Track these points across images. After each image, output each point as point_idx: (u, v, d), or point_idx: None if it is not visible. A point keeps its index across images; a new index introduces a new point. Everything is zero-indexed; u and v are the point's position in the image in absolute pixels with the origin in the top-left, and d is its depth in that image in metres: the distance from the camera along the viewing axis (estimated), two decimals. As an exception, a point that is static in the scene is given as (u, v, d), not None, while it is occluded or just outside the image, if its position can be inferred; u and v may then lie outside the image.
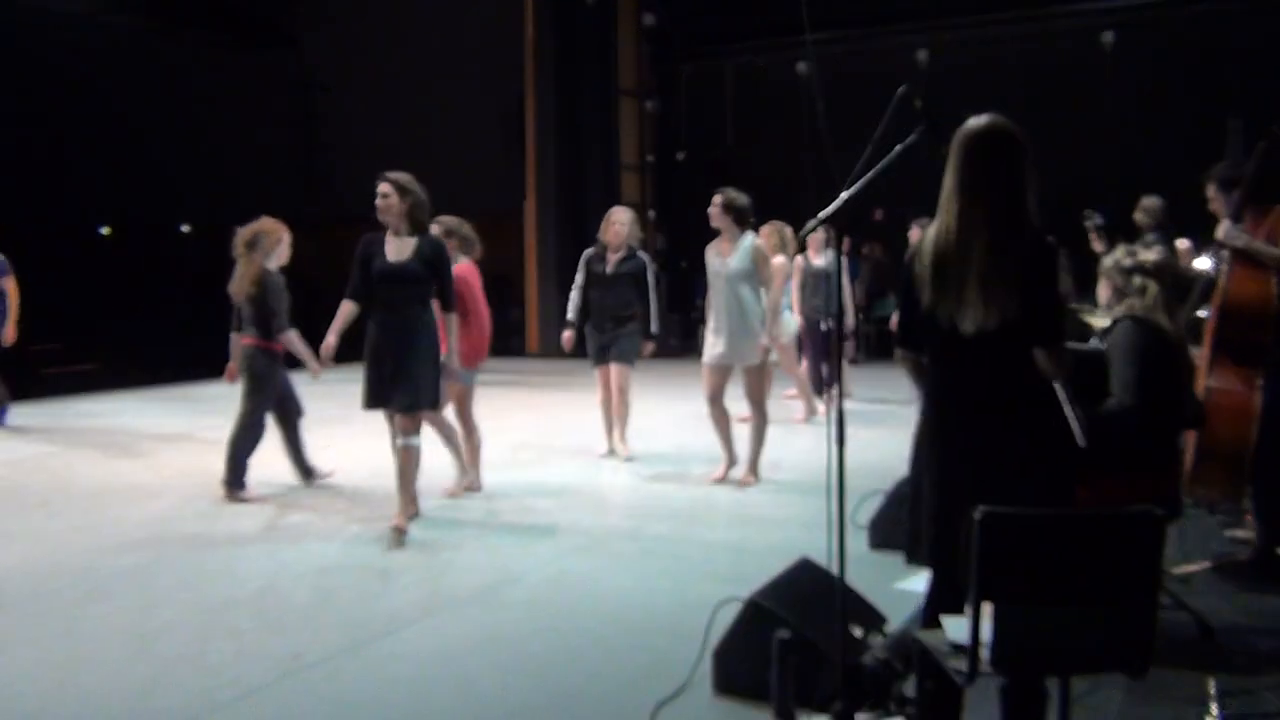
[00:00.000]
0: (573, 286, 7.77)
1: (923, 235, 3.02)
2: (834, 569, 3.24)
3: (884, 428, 8.68)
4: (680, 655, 3.87)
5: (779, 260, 8.68)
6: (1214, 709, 3.39)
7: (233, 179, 18.24)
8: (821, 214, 3.23)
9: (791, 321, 9.14)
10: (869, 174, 3.23)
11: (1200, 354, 4.83)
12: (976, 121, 2.98)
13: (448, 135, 16.49)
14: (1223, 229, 4.85)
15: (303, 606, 4.66)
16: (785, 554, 4.22)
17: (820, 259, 9.51)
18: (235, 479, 6.54)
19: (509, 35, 15.60)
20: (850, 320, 10.35)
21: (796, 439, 8.51)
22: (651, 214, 16.09)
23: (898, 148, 3.22)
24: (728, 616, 3.75)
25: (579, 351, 7.95)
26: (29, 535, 5.91)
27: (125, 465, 7.74)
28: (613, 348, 7.49)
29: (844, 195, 3.21)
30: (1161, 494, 3.80)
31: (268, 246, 6.51)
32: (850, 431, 3.22)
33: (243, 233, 6.55)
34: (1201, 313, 5.01)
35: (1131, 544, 2.58)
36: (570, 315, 7.70)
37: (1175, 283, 4.22)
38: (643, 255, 7.56)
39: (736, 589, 3.88)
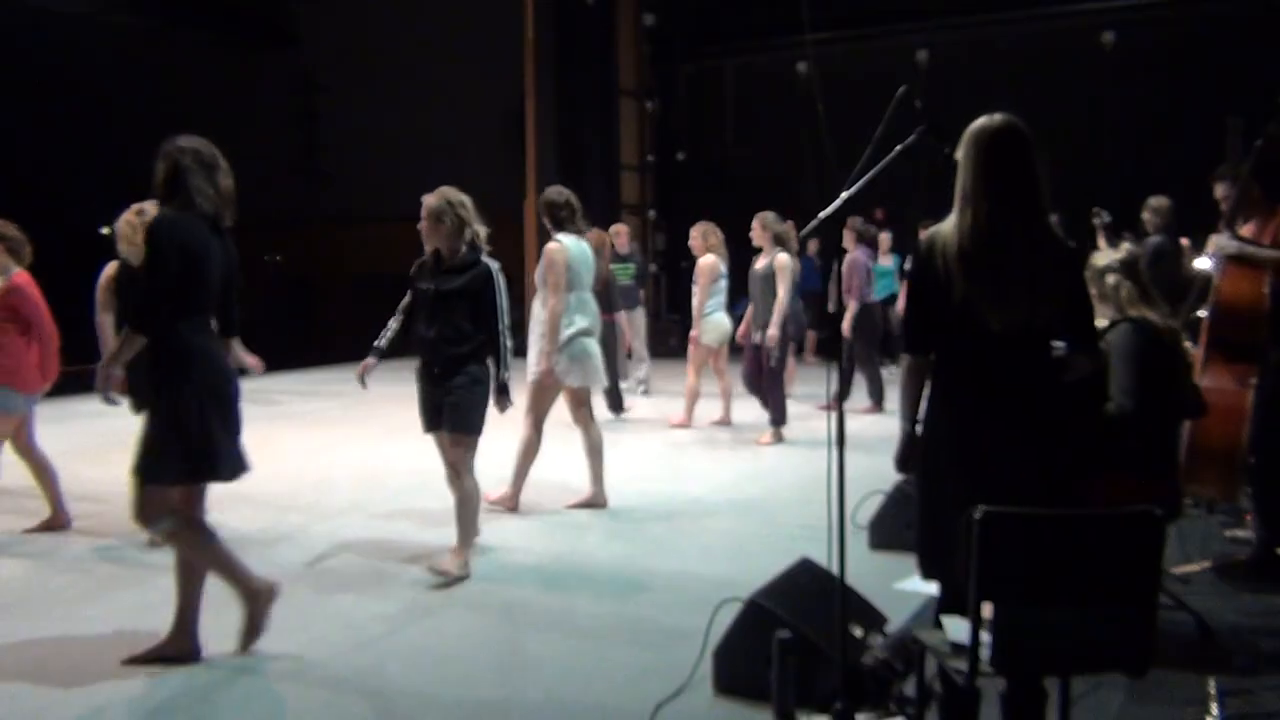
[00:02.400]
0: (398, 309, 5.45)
1: (934, 233, 2.99)
2: (834, 569, 3.24)
3: (883, 428, 8.69)
4: (680, 655, 3.87)
5: (709, 260, 8.60)
6: (1214, 709, 3.39)
7: (233, 178, 18.23)
8: (822, 214, 3.24)
9: (723, 323, 8.67)
10: (869, 174, 3.24)
11: (1196, 353, 4.84)
12: (991, 119, 2.99)
13: (448, 135, 16.50)
14: (1214, 242, 4.86)
15: (302, 607, 4.66)
16: (785, 554, 4.22)
17: (760, 261, 8.38)
18: (618, 403, 9.45)
19: (509, 35, 15.60)
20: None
21: (794, 441, 8.51)
22: (652, 214, 16.11)
23: (898, 148, 3.22)
24: (728, 617, 3.74)
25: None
26: (25, 538, 5.89)
27: (124, 465, 7.73)
28: (445, 407, 5.02)
29: (844, 195, 3.22)
30: (1161, 494, 3.80)
31: (604, 250, 9.11)
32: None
33: (592, 242, 7.84)
34: (1201, 312, 5.02)
35: (1131, 544, 2.59)
36: (378, 340, 5.37)
37: (1169, 277, 4.24)
38: (489, 262, 5.08)
39: (737, 589, 3.89)
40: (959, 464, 2.96)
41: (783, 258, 8.19)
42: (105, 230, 6.14)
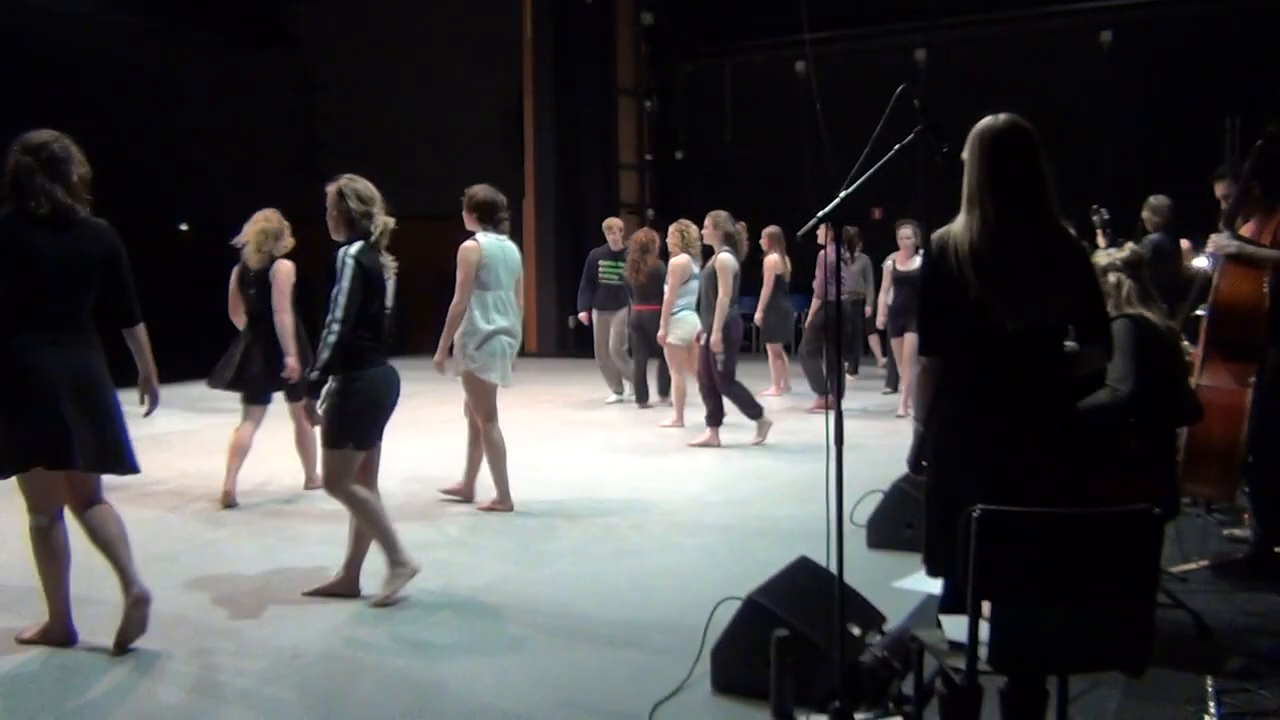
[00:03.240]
0: None
1: (945, 234, 2.98)
2: (832, 568, 3.24)
3: (883, 426, 8.70)
4: (679, 654, 3.88)
5: (682, 259, 8.56)
6: (1211, 707, 3.40)
7: (232, 178, 18.24)
8: (821, 213, 3.24)
9: (689, 320, 8.58)
10: (867, 173, 3.24)
11: (1195, 352, 4.85)
12: (995, 119, 2.99)
13: (447, 134, 16.49)
14: (1214, 241, 4.86)
15: (300, 606, 4.66)
16: (784, 553, 4.23)
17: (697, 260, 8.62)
18: (644, 393, 10.21)
19: (508, 34, 15.61)
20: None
21: (792, 440, 8.51)
22: (650, 213, 16.12)
23: (896, 147, 3.23)
24: (726, 615, 3.75)
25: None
26: (27, 535, 5.89)
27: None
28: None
29: (842, 194, 3.22)
30: (1159, 493, 3.80)
31: (655, 248, 9.69)
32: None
33: (642, 239, 9.82)
34: (1200, 311, 5.02)
35: (1130, 543, 2.59)
36: None
37: (1169, 277, 4.24)
38: (345, 251, 4.66)
39: (735, 588, 3.89)
40: (971, 464, 2.97)
41: (723, 258, 8.08)
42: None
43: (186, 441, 8.66)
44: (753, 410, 8.22)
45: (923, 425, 3.11)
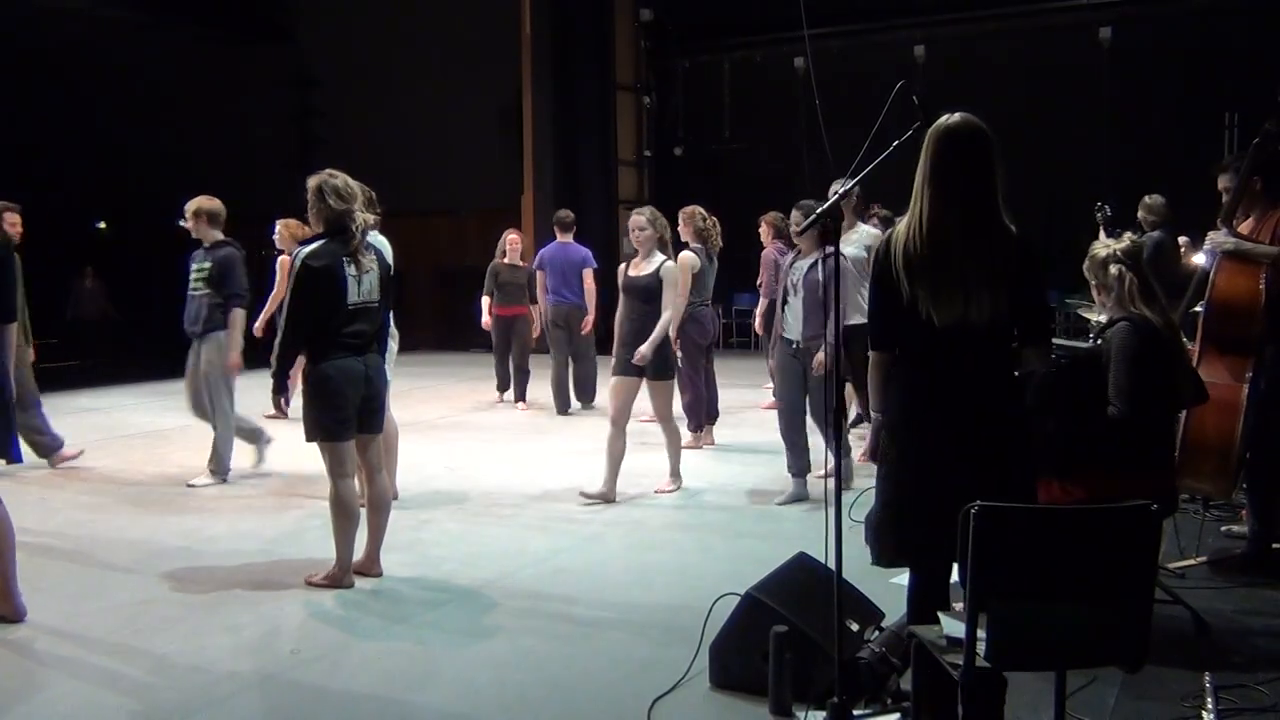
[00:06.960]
0: None
1: (893, 231, 3.04)
2: (831, 564, 3.25)
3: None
4: (677, 649, 3.88)
5: None
6: (1209, 703, 3.40)
7: (228, 174, 18.15)
8: (819, 209, 3.25)
9: None
10: (865, 170, 3.25)
11: (1192, 348, 4.85)
12: (949, 118, 3.02)
13: (444, 131, 16.46)
14: (1212, 237, 4.87)
15: (299, 602, 4.66)
16: (782, 549, 4.23)
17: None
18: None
19: (506, 30, 15.58)
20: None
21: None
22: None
23: (894, 144, 3.23)
24: (725, 611, 3.75)
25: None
26: (26, 530, 5.89)
27: (122, 460, 7.74)
28: None
29: (840, 190, 3.23)
30: (1157, 489, 3.81)
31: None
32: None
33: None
34: (1198, 308, 5.02)
35: (1128, 539, 2.59)
36: None
37: (1169, 274, 4.23)
38: (297, 254, 4.68)
39: (734, 584, 3.89)
40: (913, 457, 3.02)
41: (683, 255, 7.66)
42: (101, 225, 6.26)
43: (185, 436, 8.65)
44: (694, 420, 7.96)
45: (879, 416, 3.14)
